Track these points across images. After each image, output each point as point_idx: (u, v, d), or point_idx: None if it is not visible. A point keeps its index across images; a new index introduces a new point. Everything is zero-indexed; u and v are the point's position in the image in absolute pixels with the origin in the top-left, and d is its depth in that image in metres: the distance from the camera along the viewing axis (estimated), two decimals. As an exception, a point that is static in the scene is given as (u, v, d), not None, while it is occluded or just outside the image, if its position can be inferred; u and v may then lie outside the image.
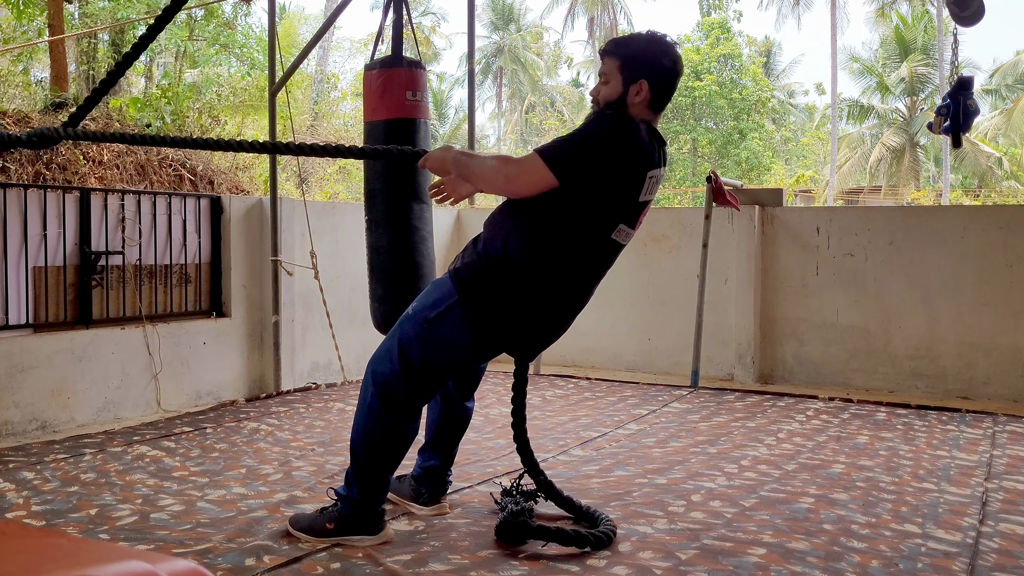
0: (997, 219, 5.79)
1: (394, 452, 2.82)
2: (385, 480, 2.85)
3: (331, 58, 26.72)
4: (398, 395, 2.76)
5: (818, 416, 5.04)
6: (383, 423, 2.77)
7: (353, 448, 2.83)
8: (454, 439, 3.23)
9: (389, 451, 2.81)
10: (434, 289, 2.79)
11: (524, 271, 2.64)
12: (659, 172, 2.70)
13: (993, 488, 3.60)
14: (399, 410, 2.77)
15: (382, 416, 2.77)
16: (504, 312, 2.68)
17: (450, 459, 3.25)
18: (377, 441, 2.78)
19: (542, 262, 2.64)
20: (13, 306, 4.51)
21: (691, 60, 27.05)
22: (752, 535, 2.97)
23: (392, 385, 2.75)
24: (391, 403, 2.76)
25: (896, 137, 26.96)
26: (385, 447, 2.80)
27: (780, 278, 6.25)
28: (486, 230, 2.77)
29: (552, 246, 2.63)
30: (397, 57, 4.00)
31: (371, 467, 2.80)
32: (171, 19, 3.80)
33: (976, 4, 5.58)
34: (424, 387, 2.79)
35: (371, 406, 2.79)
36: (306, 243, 5.68)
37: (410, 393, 2.77)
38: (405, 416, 2.79)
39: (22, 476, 3.63)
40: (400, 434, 2.80)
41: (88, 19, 12.89)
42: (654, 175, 2.68)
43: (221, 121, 9.28)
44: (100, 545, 1.72)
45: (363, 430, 2.80)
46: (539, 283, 2.66)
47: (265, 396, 5.49)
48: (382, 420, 2.77)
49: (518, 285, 2.65)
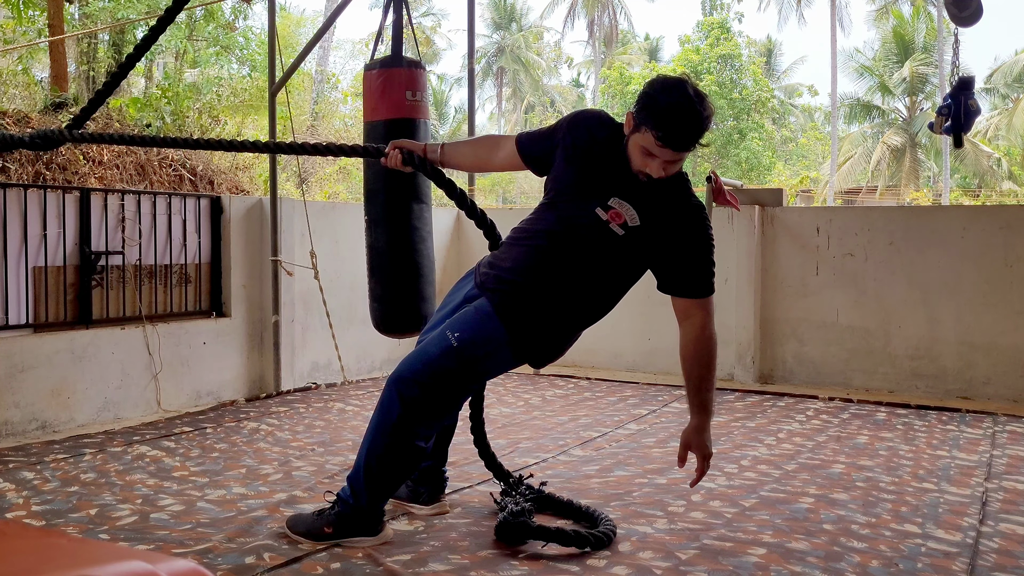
0: (997, 219, 5.79)
1: (411, 466, 2.84)
2: (394, 488, 2.86)
3: (331, 58, 26.72)
4: (425, 418, 2.73)
5: (818, 416, 5.04)
6: (407, 441, 2.72)
7: (367, 461, 2.76)
8: (446, 438, 3.23)
9: (408, 466, 2.82)
10: (477, 321, 2.71)
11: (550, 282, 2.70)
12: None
13: (993, 488, 3.60)
14: (425, 428, 2.75)
15: (408, 434, 2.72)
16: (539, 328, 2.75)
17: (443, 458, 3.25)
18: (398, 457, 2.75)
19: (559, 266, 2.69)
20: (13, 306, 4.51)
21: (691, 60, 27.07)
22: (752, 535, 2.97)
23: (421, 408, 2.70)
24: (419, 421, 2.71)
25: (897, 137, 26.97)
26: (406, 462, 2.79)
27: (780, 278, 6.25)
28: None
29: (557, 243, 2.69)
30: (397, 57, 4.00)
31: (382, 479, 2.78)
32: (173, 20, 3.80)
33: (975, 4, 5.59)
34: (452, 408, 2.85)
35: (397, 425, 2.70)
36: (306, 243, 5.68)
37: (437, 415, 2.77)
38: (428, 433, 2.80)
39: (22, 476, 3.63)
40: (415, 452, 2.79)
41: (88, 20, 12.88)
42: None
43: (221, 121, 9.28)
44: (100, 545, 1.72)
45: (383, 446, 2.73)
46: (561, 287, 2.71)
47: (265, 396, 5.49)
48: (407, 437, 2.72)
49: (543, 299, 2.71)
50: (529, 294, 2.69)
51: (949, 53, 6.72)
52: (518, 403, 5.32)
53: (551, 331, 2.78)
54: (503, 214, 8.15)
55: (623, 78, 27.73)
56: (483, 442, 3.33)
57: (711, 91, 26.30)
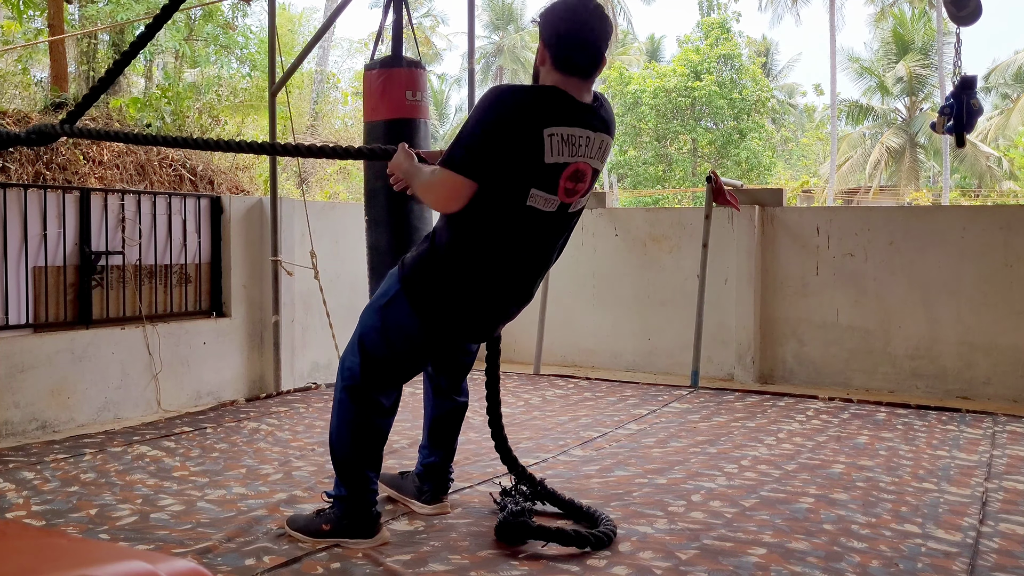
0: (997, 219, 5.79)
1: (366, 447, 2.81)
2: (366, 477, 2.82)
3: (331, 57, 26.72)
4: (360, 387, 2.77)
5: (818, 416, 5.04)
6: (351, 416, 2.79)
7: (330, 444, 2.86)
8: (451, 434, 3.24)
9: (360, 446, 2.80)
10: (386, 279, 2.81)
11: (451, 252, 2.64)
12: (574, 132, 2.54)
13: (993, 488, 3.60)
14: (364, 402, 2.78)
15: (350, 409, 2.79)
16: (439, 293, 2.67)
17: (450, 455, 3.25)
18: (347, 436, 2.80)
19: (465, 240, 2.62)
20: (13, 306, 4.51)
21: (691, 60, 27.05)
22: (752, 535, 2.97)
23: (355, 377, 2.77)
24: (356, 395, 2.78)
25: (896, 137, 26.97)
26: (356, 442, 2.80)
27: (780, 278, 6.25)
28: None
29: (470, 222, 2.61)
30: (397, 57, 4.00)
31: (348, 463, 2.81)
32: (169, 18, 3.80)
33: (973, 3, 5.58)
34: (384, 377, 2.79)
35: (340, 400, 2.81)
36: (306, 243, 5.68)
37: (371, 383, 2.77)
38: (370, 409, 2.79)
39: (22, 476, 3.63)
40: (369, 428, 2.79)
41: (88, 20, 12.88)
42: (557, 133, 2.51)
43: (221, 121, 9.28)
44: (100, 545, 1.72)
45: (335, 426, 2.83)
46: (465, 260, 2.63)
47: (265, 396, 5.49)
48: (350, 413, 2.79)
49: (448, 266, 2.65)
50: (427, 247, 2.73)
51: (949, 53, 6.71)
52: (518, 403, 5.32)
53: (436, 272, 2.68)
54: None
55: (623, 78, 27.72)
56: (500, 435, 3.28)
57: (711, 91, 26.33)
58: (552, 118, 2.52)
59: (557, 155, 2.53)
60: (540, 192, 2.56)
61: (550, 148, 2.52)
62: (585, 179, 2.64)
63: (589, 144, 2.60)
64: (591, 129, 2.60)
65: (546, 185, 2.56)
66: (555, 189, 2.58)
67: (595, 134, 2.61)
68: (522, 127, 2.50)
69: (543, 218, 2.62)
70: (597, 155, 2.64)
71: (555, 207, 2.61)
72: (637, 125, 26.70)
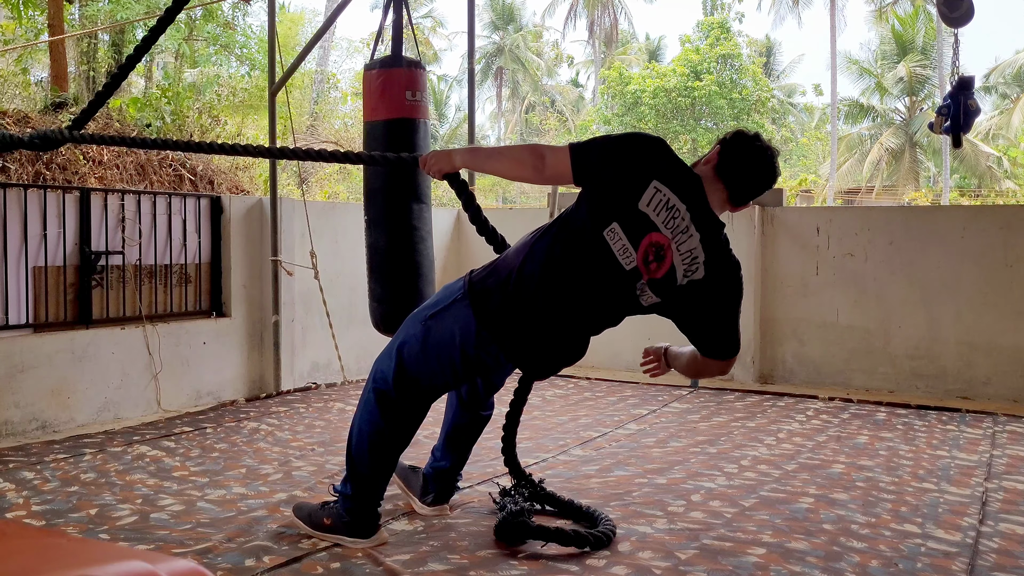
0: (997, 219, 5.79)
1: (382, 454, 2.78)
2: (375, 481, 2.82)
3: (331, 58, 26.72)
4: (392, 397, 2.74)
5: (818, 416, 5.05)
6: (375, 423, 2.76)
7: (348, 443, 2.84)
8: (468, 443, 3.21)
9: (377, 452, 2.77)
10: (442, 291, 2.77)
11: (520, 262, 2.59)
12: (679, 207, 2.45)
13: (993, 488, 3.60)
14: (391, 413, 2.75)
15: (375, 416, 2.76)
16: (500, 297, 2.58)
17: (461, 462, 3.23)
18: (366, 440, 2.77)
19: (535, 253, 2.58)
20: (13, 306, 4.51)
21: (691, 60, 27.05)
22: (752, 535, 2.97)
23: (387, 381, 2.74)
24: (384, 404, 2.74)
25: (895, 137, 26.96)
26: (374, 448, 2.77)
27: (780, 278, 6.25)
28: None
29: (545, 237, 2.59)
30: (397, 57, 4.01)
31: (361, 466, 2.79)
32: (173, 20, 3.81)
33: (966, 5, 5.58)
34: (415, 389, 2.73)
35: (366, 401, 2.79)
36: (306, 243, 5.68)
37: (401, 393, 2.73)
38: (396, 421, 2.75)
39: (22, 476, 3.64)
40: (388, 436, 2.76)
41: (88, 20, 12.88)
42: (664, 192, 2.44)
43: (221, 121, 9.27)
44: (100, 545, 1.72)
45: (356, 424, 2.81)
46: (530, 271, 2.57)
47: (265, 396, 5.49)
48: (374, 420, 2.76)
49: (513, 275, 2.59)
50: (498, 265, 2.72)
51: (948, 53, 6.71)
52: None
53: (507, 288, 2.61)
54: (502, 214, 8.16)
55: (623, 78, 27.72)
56: (511, 440, 3.27)
57: (711, 91, 26.33)
58: (668, 177, 2.47)
59: (651, 210, 2.45)
60: (620, 234, 2.47)
61: (648, 197, 2.45)
62: (664, 262, 2.48)
63: (686, 232, 2.47)
64: (695, 225, 2.48)
65: (628, 231, 2.47)
66: (636, 245, 2.47)
67: (696, 232, 2.48)
68: (638, 164, 2.48)
69: (613, 265, 2.50)
70: (685, 253, 2.48)
71: (629, 266, 2.49)
72: (637, 125, 26.69)
